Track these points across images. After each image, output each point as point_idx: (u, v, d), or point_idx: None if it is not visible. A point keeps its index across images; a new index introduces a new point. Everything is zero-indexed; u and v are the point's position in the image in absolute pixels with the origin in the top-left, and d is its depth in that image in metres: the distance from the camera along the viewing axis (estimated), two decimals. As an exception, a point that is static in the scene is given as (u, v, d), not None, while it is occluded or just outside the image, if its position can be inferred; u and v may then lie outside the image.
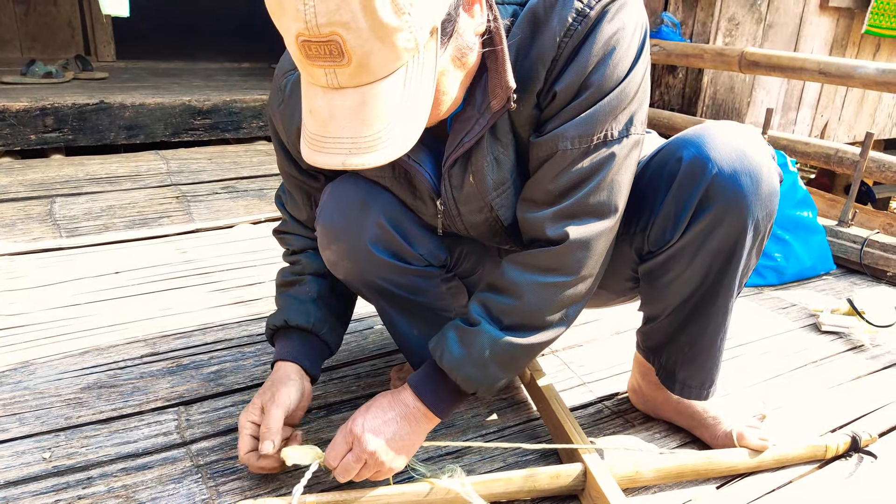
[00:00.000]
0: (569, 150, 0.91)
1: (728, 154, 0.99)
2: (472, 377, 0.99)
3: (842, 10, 4.08)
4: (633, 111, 0.92)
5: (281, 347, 1.18)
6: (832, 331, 1.74)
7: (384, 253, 1.10)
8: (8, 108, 2.71)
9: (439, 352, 1.00)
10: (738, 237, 1.02)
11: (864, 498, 1.14)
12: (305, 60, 0.73)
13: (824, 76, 2.62)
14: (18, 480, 1.08)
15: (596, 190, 0.93)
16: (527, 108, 0.93)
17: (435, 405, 1.02)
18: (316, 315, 1.18)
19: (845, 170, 2.49)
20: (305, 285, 1.20)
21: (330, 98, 0.75)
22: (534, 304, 0.97)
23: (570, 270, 0.97)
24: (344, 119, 0.75)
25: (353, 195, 1.09)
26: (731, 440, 1.19)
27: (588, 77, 0.88)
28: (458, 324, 1.01)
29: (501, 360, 0.99)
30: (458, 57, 0.84)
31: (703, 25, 3.61)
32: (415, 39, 0.73)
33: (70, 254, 1.97)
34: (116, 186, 2.54)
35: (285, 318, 1.17)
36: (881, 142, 4.99)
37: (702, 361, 1.16)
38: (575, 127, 0.90)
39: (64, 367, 1.40)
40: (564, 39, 0.87)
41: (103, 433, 1.21)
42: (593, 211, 0.95)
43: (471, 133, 0.94)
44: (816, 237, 2.13)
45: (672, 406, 1.27)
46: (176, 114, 3.07)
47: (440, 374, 1.02)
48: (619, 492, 1.02)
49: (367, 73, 0.73)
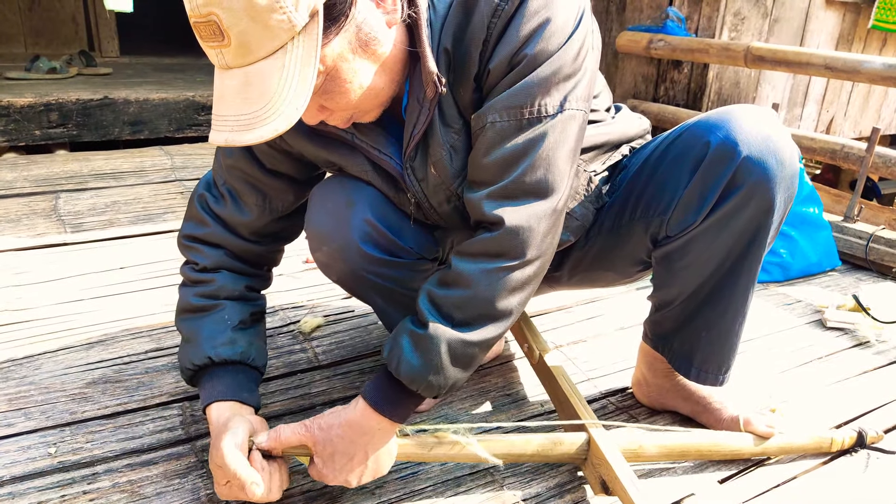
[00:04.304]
0: (498, 123, 0.90)
1: (755, 137, 0.99)
2: (433, 384, 0.95)
3: (848, 4, 4.05)
4: (569, 86, 0.91)
5: (210, 388, 1.05)
6: (838, 327, 1.74)
7: (375, 249, 1.10)
8: (12, 103, 2.71)
9: (395, 361, 0.95)
10: (762, 218, 1.02)
11: (868, 494, 1.14)
12: (201, 42, 0.78)
13: (830, 71, 2.61)
14: (24, 475, 1.08)
15: (531, 168, 0.91)
16: (467, 91, 0.94)
17: (397, 415, 0.97)
18: (241, 343, 1.08)
19: (851, 165, 2.48)
20: (223, 311, 1.09)
21: (222, 78, 0.80)
22: (486, 293, 0.93)
23: (514, 254, 0.93)
24: (231, 98, 0.79)
25: (339, 195, 1.09)
26: (736, 425, 1.19)
27: (518, 51, 0.88)
28: (409, 328, 0.96)
29: (460, 361, 0.95)
30: (361, 46, 0.85)
31: (709, 20, 3.60)
32: (290, 20, 0.75)
33: (75, 249, 1.98)
34: (121, 182, 2.54)
35: (209, 354, 1.06)
36: (887, 137, 4.97)
37: (720, 345, 1.15)
38: (505, 99, 0.90)
39: (69, 363, 1.40)
40: (493, 20, 0.88)
41: (108, 428, 1.21)
42: (530, 191, 0.92)
43: (418, 123, 0.96)
44: (822, 233, 2.12)
45: (679, 392, 1.27)
46: (180, 109, 3.08)
47: (397, 384, 0.96)
48: (621, 458, 1.03)
49: (248, 52, 0.76)
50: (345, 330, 1.60)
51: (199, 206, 1.13)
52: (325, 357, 1.48)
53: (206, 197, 1.13)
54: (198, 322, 1.09)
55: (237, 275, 1.13)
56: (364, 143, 1.02)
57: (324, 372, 1.42)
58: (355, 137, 1.02)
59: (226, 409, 1.03)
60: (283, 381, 1.38)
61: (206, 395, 1.05)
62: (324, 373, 1.42)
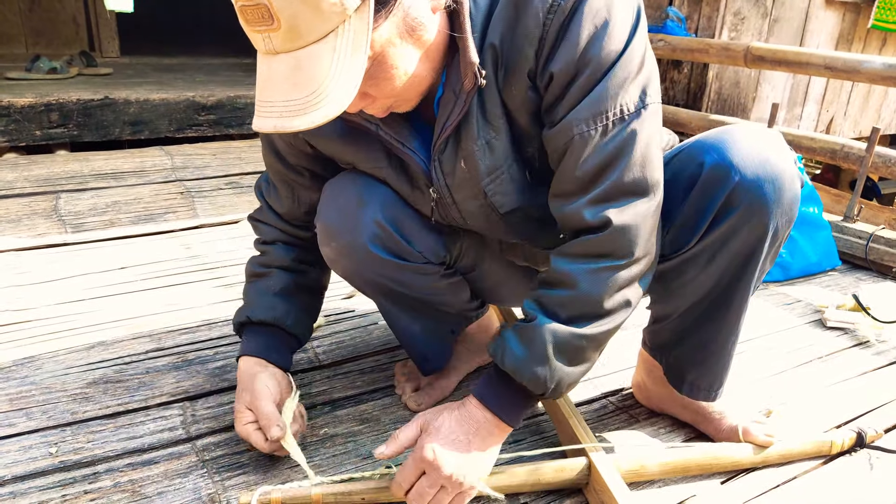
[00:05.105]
0: (586, 133, 0.88)
1: (751, 160, 0.97)
2: (538, 376, 0.94)
3: (848, 4, 4.06)
4: (643, 81, 0.89)
5: (246, 343, 1.19)
6: (837, 326, 1.74)
7: (382, 251, 1.10)
8: (13, 103, 2.71)
9: (500, 354, 0.96)
10: (756, 243, 1.01)
11: (869, 494, 1.14)
12: (246, 26, 0.76)
13: (830, 71, 2.61)
14: (25, 475, 1.09)
15: (627, 169, 0.89)
16: (519, 90, 0.91)
17: (505, 413, 0.98)
18: (280, 309, 1.19)
19: (851, 165, 2.48)
20: (271, 279, 1.21)
21: (269, 63, 0.77)
22: (590, 292, 0.93)
23: (622, 254, 0.92)
24: (278, 83, 0.77)
25: (351, 192, 1.09)
26: (735, 435, 1.18)
27: (584, 54, 0.86)
28: (516, 324, 0.98)
29: (567, 353, 0.94)
30: (408, 31, 0.83)
31: (709, 20, 3.60)
32: (342, 3, 0.73)
33: (75, 249, 1.98)
34: (121, 182, 2.54)
35: (248, 314, 1.19)
36: (887, 137, 4.97)
37: (711, 364, 1.16)
38: (586, 108, 0.87)
39: (70, 363, 1.40)
40: (549, 17, 0.85)
41: (109, 428, 1.21)
42: (631, 190, 0.91)
43: (452, 115, 0.93)
44: (822, 233, 2.13)
45: (677, 401, 1.27)
46: (180, 109, 3.08)
47: (505, 378, 0.97)
48: (622, 485, 1.02)
49: (298, 36, 0.74)
50: (345, 330, 1.60)
51: (257, 192, 1.26)
52: (325, 357, 1.48)
53: (262, 184, 1.25)
54: (251, 286, 1.23)
55: (289, 247, 1.24)
56: (388, 135, 0.99)
57: (324, 372, 1.43)
58: (379, 129, 0.99)
59: (253, 364, 1.15)
60: (283, 380, 1.38)
61: (241, 349, 1.19)
62: (324, 373, 1.42)
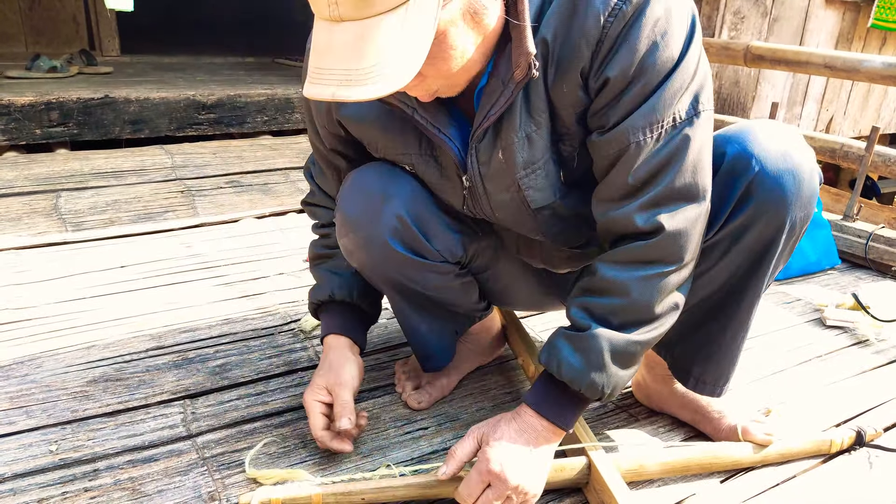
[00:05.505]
0: (641, 142, 0.89)
1: (772, 152, 0.98)
2: (596, 383, 0.96)
3: (847, 3, 4.06)
4: (696, 89, 0.90)
5: (329, 321, 1.22)
6: (837, 325, 1.74)
7: (402, 248, 1.10)
8: (13, 102, 2.71)
9: (555, 364, 0.97)
10: (773, 236, 1.01)
11: (868, 493, 1.14)
12: None
13: (830, 70, 2.61)
14: (25, 472, 1.09)
15: (679, 174, 0.90)
16: (570, 88, 0.90)
17: (561, 420, 1.00)
18: (358, 288, 1.22)
19: (850, 164, 2.48)
20: (341, 259, 1.21)
21: (331, 30, 0.76)
22: (643, 299, 0.94)
23: (673, 259, 0.94)
24: (340, 51, 0.75)
25: (376, 184, 1.08)
26: (735, 434, 1.18)
27: (642, 62, 0.85)
28: (565, 333, 0.98)
29: (621, 359, 0.96)
30: (471, 14, 0.83)
31: (709, 19, 3.60)
32: None
33: (75, 248, 1.98)
34: (121, 181, 2.55)
35: (329, 292, 1.21)
36: (887, 136, 4.97)
37: (719, 359, 1.15)
38: (641, 117, 0.88)
39: (70, 361, 1.41)
40: (609, 19, 0.84)
41: (109, 426, 1.21)
42: (682, 195, 0.92)
43: (497, 104, 0.92)
44: (822, 232, 2.13)
45: (677, 399, 1.27)
46: (180, 108, 3.08)
47: (559, 387, 0.99)
48: (622, 484, 1.03)
49: (368, 5, 0.73)
50: (345, 328, 1.60)
51: (307, 176, 1.29)
52: (325, 355, 1.48)
53: (311, 168, 1.28)
54: (319, 268, 1.26)
55: None
56: (425, 119, 0.97)
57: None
58: (416, 112, 0.97)
59: (344, 345, 1.19)
60: (283, 379, 1.39)
61: (325, 327, 1.23)
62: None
